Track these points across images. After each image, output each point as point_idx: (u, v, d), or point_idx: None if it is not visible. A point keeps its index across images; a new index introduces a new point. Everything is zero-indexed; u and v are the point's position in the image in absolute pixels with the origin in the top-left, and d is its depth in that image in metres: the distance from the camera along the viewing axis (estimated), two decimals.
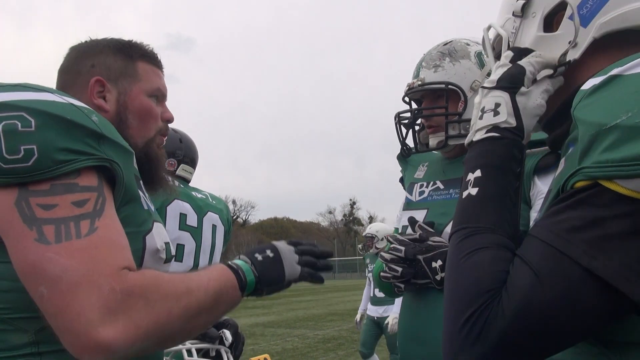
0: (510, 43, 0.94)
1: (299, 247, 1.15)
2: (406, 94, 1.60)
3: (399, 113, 1.60)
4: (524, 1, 0.93)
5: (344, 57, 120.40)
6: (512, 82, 0.85)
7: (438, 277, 1.39)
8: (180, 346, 1.34)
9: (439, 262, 1.39)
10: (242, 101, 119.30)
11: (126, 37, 1.20)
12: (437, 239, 1.45)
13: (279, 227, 73.95)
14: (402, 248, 1.44)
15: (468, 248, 0.75)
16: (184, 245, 2.41)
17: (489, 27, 1.00)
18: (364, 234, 6.26)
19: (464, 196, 0.81)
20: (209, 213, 2.54)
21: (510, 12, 0.96)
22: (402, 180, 1.82)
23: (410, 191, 1.68)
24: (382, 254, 1.48)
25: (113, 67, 1.12)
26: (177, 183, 2.55)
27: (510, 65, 0.88)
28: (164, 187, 1.20)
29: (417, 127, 1.64)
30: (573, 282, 0.64)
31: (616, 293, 0.63)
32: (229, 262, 1.06)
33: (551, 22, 0.91)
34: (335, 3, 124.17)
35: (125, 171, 0.93)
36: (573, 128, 0.71)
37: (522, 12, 0.93)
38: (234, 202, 68.87)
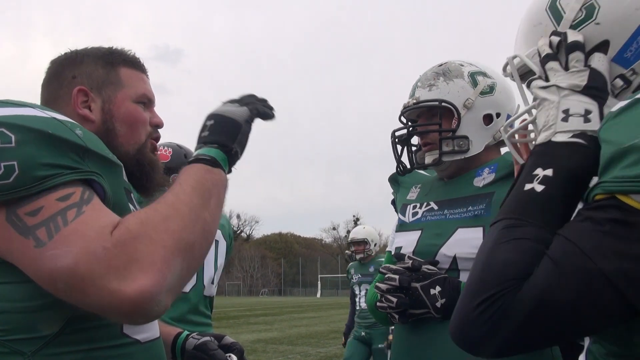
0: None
1: (237, 99, 1.15)
2: (402, 114, 1.64)
3: (394, 131, 1.63)
4: (559, 38, 0.91)
5: (342, 71, 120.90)
6: (602, 92, 0.85)
7: (438, 304, 1.35)
8: None
9: (438, 289, 1.36)
10: None
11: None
12: (430, 267, 1.43)
13: (282, 242, 73.75)
14: (397, 277, 1.41)
15: (511, 235, 0.77)
16: None
17: (515, 57, 0.99)
18: (349, 239, 5.44)
19: (525, 188, 0.81)
20: None
21: None
22: (393, 202, 1.82)
23: (403, 213, 1.69)
24: (378, 284, 1.46)
25: (95, 76, 1.10)
26: None
27: (587, 70, 0.86)
28: (161, 191, 1.16)
29: (414, 148, 1.67)
30: (587, 277, 0.69)
31: (621, 294, 0.68)
32: (188, 160, 1.04)
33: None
34: (332, 15, 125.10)
35: (111, 185, 0.92)
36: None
37: (557, 49, 0.93)
38: (238, 216, 68.87)
